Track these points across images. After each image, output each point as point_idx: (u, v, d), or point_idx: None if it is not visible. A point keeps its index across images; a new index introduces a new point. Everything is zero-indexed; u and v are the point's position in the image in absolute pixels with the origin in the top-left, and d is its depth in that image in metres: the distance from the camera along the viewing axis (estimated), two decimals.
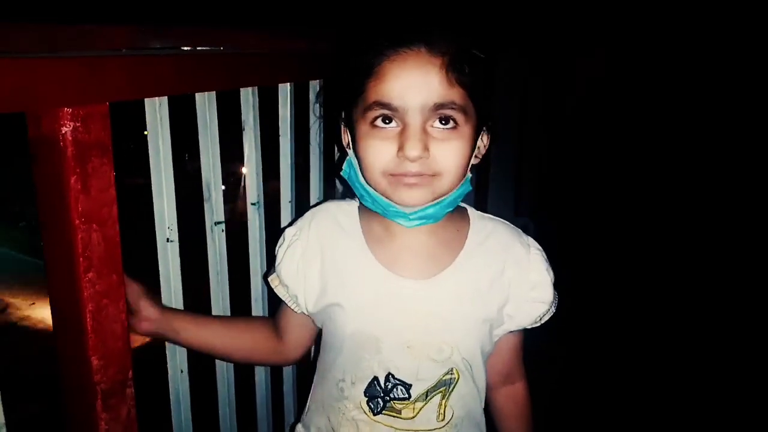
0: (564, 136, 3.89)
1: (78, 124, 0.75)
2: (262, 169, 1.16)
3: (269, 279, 0.98)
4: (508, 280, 0.91)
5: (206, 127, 1.03)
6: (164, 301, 1.00)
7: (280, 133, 1.24)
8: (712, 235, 3.61)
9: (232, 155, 1.15)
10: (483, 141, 0.87)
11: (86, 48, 0.75)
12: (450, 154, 0.79)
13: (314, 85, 1.26)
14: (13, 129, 0.80)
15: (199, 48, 0.93)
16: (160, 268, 0.98)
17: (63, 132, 0.74)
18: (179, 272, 1.00)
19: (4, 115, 0.66)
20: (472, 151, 0.83)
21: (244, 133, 1.14)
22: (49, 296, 0.82)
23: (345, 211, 0.95)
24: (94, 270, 0.80)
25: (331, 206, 0.97)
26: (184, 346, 1.00)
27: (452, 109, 0.77)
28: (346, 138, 0.90)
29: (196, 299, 1.06)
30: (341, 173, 0.90)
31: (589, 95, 3.96)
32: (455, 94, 0.77)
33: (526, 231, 3.37)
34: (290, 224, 0.99)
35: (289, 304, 0.95)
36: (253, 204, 1.18)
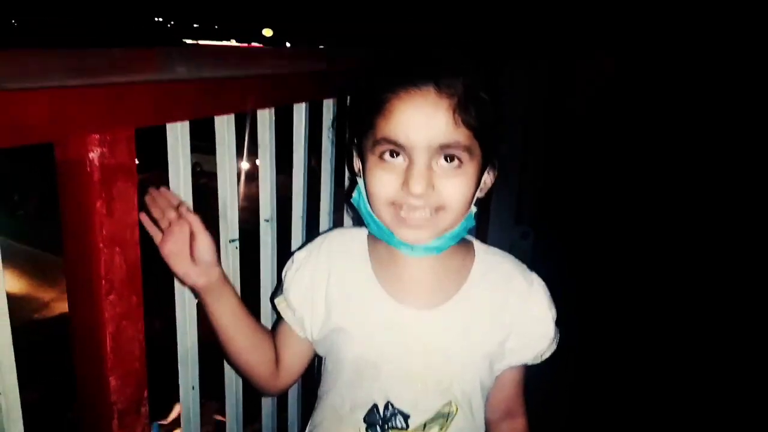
0: (566, 146, 3.92)
1: (104, 149, 0.77)
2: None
3: (276, 301, 0.98)
4: (509, 315, 0.92)
5: (224, 147, 1.04)
6: (177, 316, 1.02)
7: (294, 148, 1.25)
8: (717, 239, 3.58)
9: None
10: (489, 176, 0.88)
11: (113, 74, 0.76)
12: (454, 190, 0.81)
13: (328, 104, 1.28)
14: None
15: (222, 71, 0.94)
16: (175, 285, 0.99)
17: (90, 157, 0.75)
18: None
19: None
20: (477, 187, 0.85)
21: (259, 150, 1.15)
22: (70, 316, 0.83)
23: (355, 237, 0.96)
24: (115, 292, 0.81)
25: (342, 232, 0.99)
26: (212, 318, 0.94)
27: (457, 148, 0.79)
28: (357, 164, 0.91)
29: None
30: (351, 200, 0.91)
31: (592, 100, 3.99)
32: (461, 135, 0.78)
33: (526, 238, 3.36)
34: (300, 248, 1.00)
35: (294, 328, 0.96)
36: (266, 220, 1.19)
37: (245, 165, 1.31)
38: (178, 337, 1.02)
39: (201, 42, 34.89)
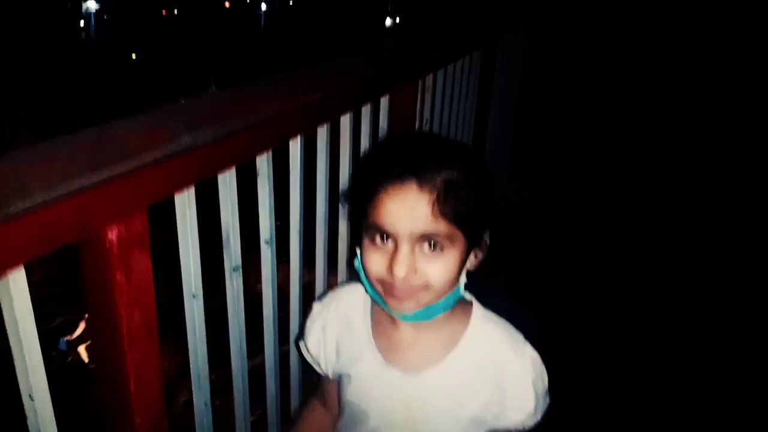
0: (562, 104, 3.92)
1: (121, 227, 0.85)
2: None
3: (299, 344, 1.13)
4: (494, 384, 0.98)
5: (226, 185, 1.12)
6: (189, 338, 1.12)
7: (290, 167, 1.33)
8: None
9: None
10: (475, 256, 0.95)
11: (125, 160, 0.82)
12: (435, 273, 0.88)
13: (322, 130, 1.35)
14: None
15: (226, 128, 1.00)
16: (186, 321, 1.10)
17: (109, 237, 0.84)
18: (203, 324, 1.11)
19: None
20: (461, 266, 0.92)
21: (258, 178, 1.23)
22: (97, 367, 0.94)
23: (362, 295, 1.04)
24: (136, 345, 0.92)
25: (352, 289, 1.07)
26: None
27: (437, 237, 0.86)
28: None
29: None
30: (354, 266, 0.98)
31: (591, 54, 3.94)
32: (440, 226, 0.85)
33: (519, 194, 3.42)
34: (319, 298, 1.12)
35: (315, 367, 1.11)
36: (266, 242, 1.29)
37: None
38: (191, 357, 1.14)
39: None
